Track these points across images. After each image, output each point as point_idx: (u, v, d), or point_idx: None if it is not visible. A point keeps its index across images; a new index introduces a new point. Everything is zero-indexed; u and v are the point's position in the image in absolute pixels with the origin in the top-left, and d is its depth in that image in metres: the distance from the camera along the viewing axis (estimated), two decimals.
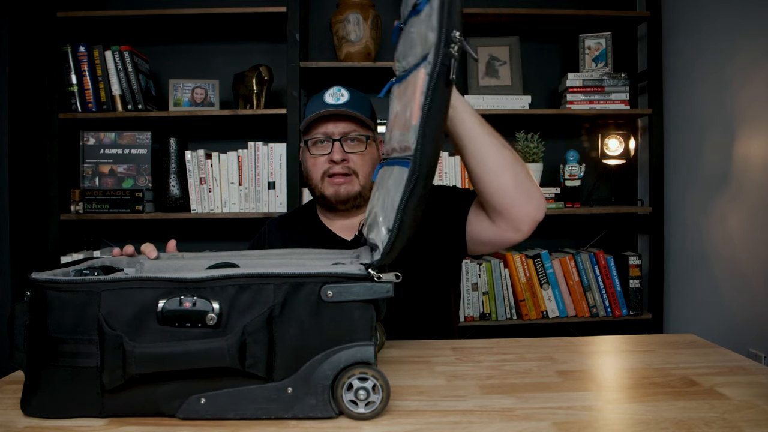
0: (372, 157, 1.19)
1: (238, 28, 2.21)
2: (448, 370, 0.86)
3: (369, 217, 0.79)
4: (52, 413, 0.67)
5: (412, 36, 0.78)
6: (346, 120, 1.15)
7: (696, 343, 1.02)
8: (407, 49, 0.80)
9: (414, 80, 0.74)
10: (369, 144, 1.18)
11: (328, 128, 1.15)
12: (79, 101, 2.03)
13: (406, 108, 0.76)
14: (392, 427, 0.66)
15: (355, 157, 1.16)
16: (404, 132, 0.74)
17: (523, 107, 2.11)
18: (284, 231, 1.26)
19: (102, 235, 2.27)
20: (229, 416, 0.67)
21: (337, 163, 1.14)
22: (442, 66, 0.68)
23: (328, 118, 1.15)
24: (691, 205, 1.99)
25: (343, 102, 1.15)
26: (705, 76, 1.91)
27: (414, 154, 0.68)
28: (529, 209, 1.00)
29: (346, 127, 1.15)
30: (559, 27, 2.27)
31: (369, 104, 1.21)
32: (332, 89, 1.18)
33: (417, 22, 0.77)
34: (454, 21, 0.69)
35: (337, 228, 1.22)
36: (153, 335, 0.65)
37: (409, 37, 0.80)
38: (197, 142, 2.20)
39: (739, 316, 1.72)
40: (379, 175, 0.87)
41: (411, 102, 0.73)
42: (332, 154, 1.15)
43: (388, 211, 0.71)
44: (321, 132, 1.16)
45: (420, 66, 0.72)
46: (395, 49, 0.89)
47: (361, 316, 0.68)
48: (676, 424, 0.66)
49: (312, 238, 1.22)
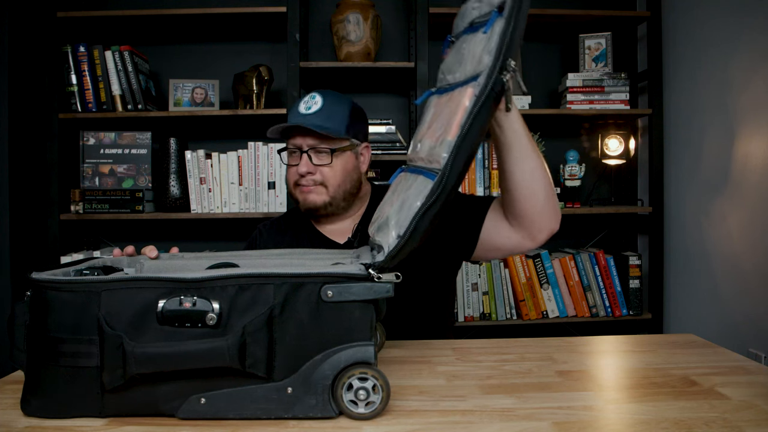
0: (344, 168, 1.17)
1: (238, 28, 2.21)
2: (448, 370, 0.86)
3: (379, 219, 0.79)
4: (52, 413, 0.67)
5: (463, 53, 0.78)
6: (312, 133, 1.14)
7: (696, 343, 1.02)
8: (455, 64, 0.80)
9: (459, 97, 0.74)
10: (336, 156, 1.15)
11: (297, 140, 1.16)
12: (79, 101, 2.03)
13: (443, 121, 0.76)
14: (392, 427, 0.66)
15: (324, 168, 1.15)
16: (436, 145, 0.74)
17: (523, 107, 2.11)
18: (276, 235, 1.27)
19: (102, 235, 2.27)
20: (229, 416, 0.67)
21: (303, 175, 1.15)
22: (491, 90, 0.70)
23: (300, 129, 1.14)
24: (691, 205, 1.99)
25: (314, 111, 1.14)
26: (705, 76, 1.91)
27: (443, 168, 0.69)
28: (551, 220, 1.02)
29: (312, 140, 1.15)
30: (559, 27, 2.27)
31: (346, 111, 1.18)
32: (308, 96, 1.18)
33: (472, 40, 0.77)
34: (512, 50, 0.70)
35: (327, 232, 1.23)
36: (153, 335, 0.65)
37: (460, 53, 0.79)
38: (197, 142, 2.20)
39: (739, 316, 1.72)
40: (398, 179, 0.87)
41: (451, 117, 0.73)
42: (299, 167, 1.15)
43: (402, 218, 0.71)
44: (292, 143, 1.17)
45: (468, 84, 0.73)
46: (441, 60, 0.89)
47: (361, 316, 0.68)
48: (676, 424, 0.66)
49: (304, 241, 1.22)
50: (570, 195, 2.14)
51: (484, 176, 2.09)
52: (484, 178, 2.09)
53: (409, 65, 2.07)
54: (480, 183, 2.09)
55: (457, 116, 0.71)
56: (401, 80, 2.24)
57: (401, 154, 2.07)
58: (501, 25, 0.71)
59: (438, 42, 2.28)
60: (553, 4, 2.20)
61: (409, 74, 2.12)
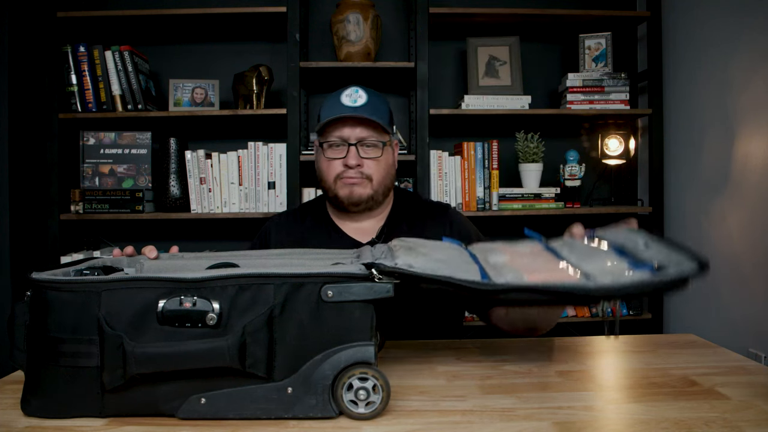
0: (387, 162, 1.17)
1: (238, 28, 2.21)
2: (448, 370, 0.86)
3: (411, 248, 0.77)
4: (52, 413, 0.67)
5: (593, 254, 0.75)
6: (362, 124, 1.12)
7: (696, 343, 1.02)
8: (582, 254, 0.76)
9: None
10: (385, 149, 1.15)
11: (344, 132, 1.13)
12: (79, 101, 2.03)
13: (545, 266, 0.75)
14: (392, 427, 0.66)
15: (370, 162, 1.14)
16: (510, 268, 0.73)
17: (523, 107, 2.11)
18: (290, 227, 1.23)
19: (102, 235, 2.27)
20: (229, 416, 0.67)
21: (352, 168, 1.13)
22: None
23: (344, 121, 1.12)
24: (691, 205, 1.99)
25: (360, 104, 1.12)
26: (705, 76, 1.91)
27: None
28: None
29: (363, 131, 1.13)
30: (559, 27, 2.27)
31: (387, 106, 1.18)
32: (349, 89, 1.15)
33: (610, 258, 0.74)
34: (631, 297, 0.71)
35: (348, 230, 1.20)
36: (153, 335, 0.65)
37: (590, 250, 0.77)
38: (197, 142, 2.20)
39: (739, 316, 1.72)
40: (446, 244, 0.85)
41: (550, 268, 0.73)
42: (347, 159, 1.13)
43: (437, 268, 0.70)
44: (337, 135, 1.13)
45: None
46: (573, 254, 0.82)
47: (361, 316, 0.68)
48: (676, 424, 0.66)
49: (322, 234, 1.20)
50: (570, 195, 2.14)
51: (484, 176, 2.09)
52: (484, 178, 2.09)
53: (409, 65, 2.07)
54: (480, 183, 2.09)
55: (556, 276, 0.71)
56: (401, 80, 2.24)
57: (401, 154, 2.07)
58: (646, 279, 0.67)
59: (438, 42, 2.29)
60: (553, 4, 2.20)
61: (409, 74, 2.12)
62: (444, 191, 2.09)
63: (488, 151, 2.09)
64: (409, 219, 1.21)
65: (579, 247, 0.79)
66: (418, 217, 1.22)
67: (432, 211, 1.24)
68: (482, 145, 2.09)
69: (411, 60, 2.14)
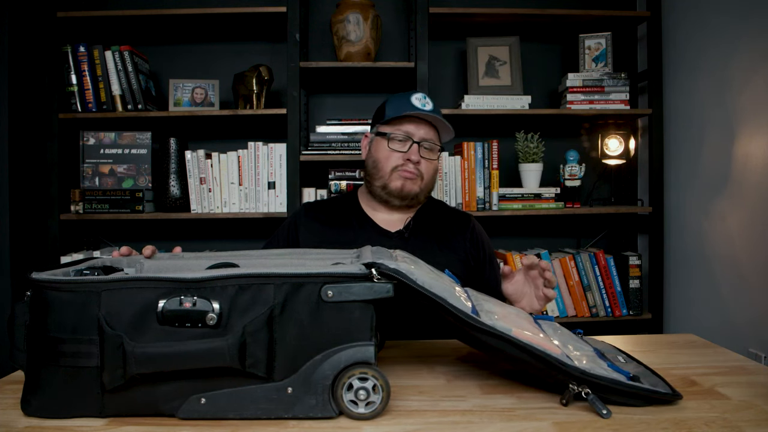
0: (436, 167, 1.29)
1: (238, 28, 2.21)
2: (448, 370, 0.86)
3: (414, 262, 0.80)
4: (52, 413, 0.67)
5: (582, 352, 0.80)
6: (430, 126, 1.25)
7: (696, 343, 1.02)
8: (568, 343, 0.82)
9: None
10: (438, 155, 1.29)
11: (411, 129, 1.24)
12: (79, 101, 2.03)
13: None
14: (392, 427, 0.66)
15: (426, 162, 1.25)
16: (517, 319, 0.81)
17: (523, 107, 2.11)
18: (320, 214, 1.31)
19: (102, 235, 2.27)
20: (229, 416, 0.67)
21: (413, 162, 1.23)
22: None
23: (412, 120, 1.24)
24: (691, 205, 1.99)
25: (429, 109, 1.24)
26: (705, 76, 1.91)
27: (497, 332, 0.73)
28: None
29: (428, 133, 1.25)
30: (559, 27, 2.27)
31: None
32: (418, 94, 1.26)
33: (587, 351, 0.81)
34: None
35: (379, 220, 1.29)
36: (153, 335, 0.65)
37: (580, 348, 0.81)
38: (197, 142, 2.20)
39: (739, 316, 1.72)
40: (447, 277, 0.87)
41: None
42: (410, 154, 1.23)
43: (435, 285, 0.73)
44: (403, 130, 1.24)
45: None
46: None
47: (361, 316, 0.68)
48: (676, 424, 0.66)
49: (352, 223, 1.28)
50: (570, 195, 2.14)
51: (484, 176, 2.09)
52: (484, 178, 2.09)
53: (409, 65, 2.07)
54: (480, 183, 2.09)
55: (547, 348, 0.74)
56: (401, 80, 2.24)
57: None
58: (621, 380, 0.72)
59: (438, 42, 2.29)
60: (553, 4, 2.20)
61: (409, 74, 2.12)
62: (444, 191, 2.09)
63: (488, 151, 2.09)
64: (434, 218, 1.32)
65: (563, 333, 0.87)
66: (443, 218, 1.33)
67: (455, 216, 1.35)
68: (482, 145, 2.09)
69: (411, 60, 2.14)
